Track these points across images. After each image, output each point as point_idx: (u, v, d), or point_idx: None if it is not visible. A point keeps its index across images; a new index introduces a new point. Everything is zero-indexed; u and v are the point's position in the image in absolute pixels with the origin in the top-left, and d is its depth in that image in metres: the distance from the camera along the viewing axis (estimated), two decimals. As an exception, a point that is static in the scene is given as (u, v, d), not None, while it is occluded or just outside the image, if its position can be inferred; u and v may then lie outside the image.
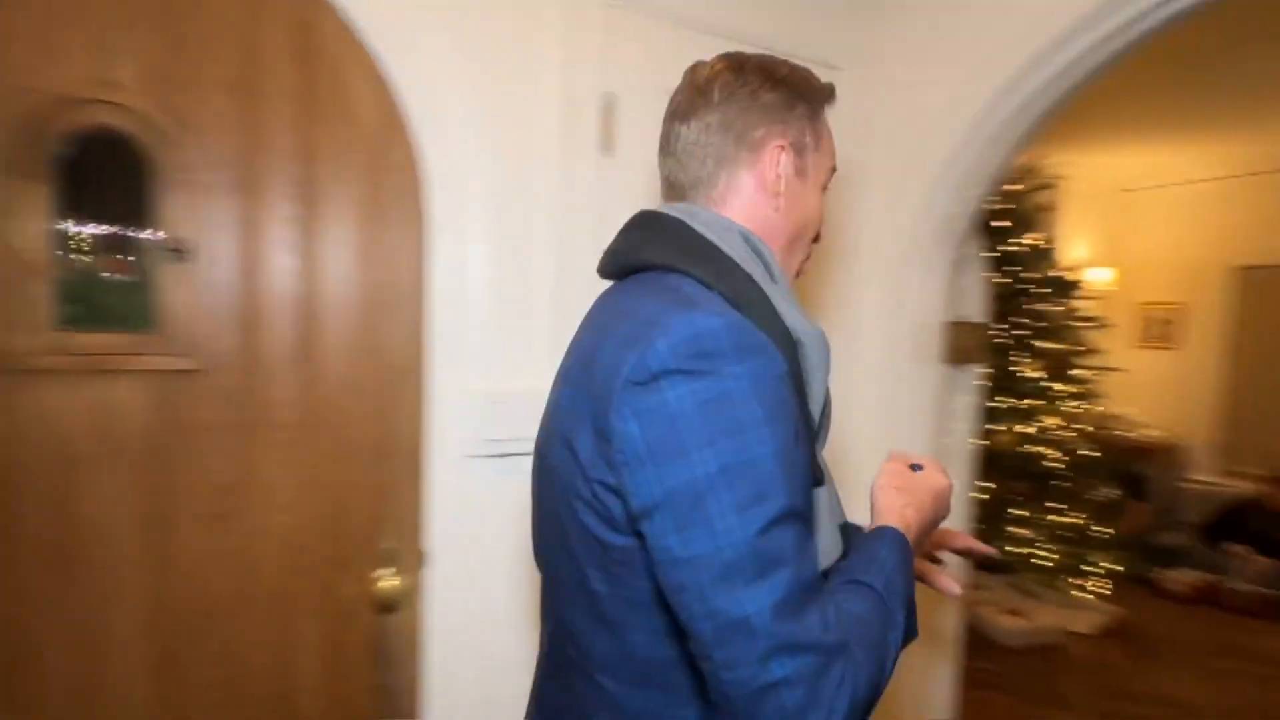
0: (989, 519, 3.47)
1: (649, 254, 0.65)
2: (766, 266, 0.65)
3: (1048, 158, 3.85)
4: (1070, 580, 3.48)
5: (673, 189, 0.70)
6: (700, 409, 0.52)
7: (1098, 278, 4.85)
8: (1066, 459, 3.34)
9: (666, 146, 0.69)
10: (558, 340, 1.23)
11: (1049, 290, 3.43)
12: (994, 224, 3.54)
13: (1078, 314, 3.58)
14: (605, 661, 0.60)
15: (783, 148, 0.67)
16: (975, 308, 1.48)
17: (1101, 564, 3.33)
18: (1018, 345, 3.47)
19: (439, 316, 1.16)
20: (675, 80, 0.69)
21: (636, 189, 1.24)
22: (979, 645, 3.19)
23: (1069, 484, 3.32)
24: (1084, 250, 4.87)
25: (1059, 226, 4.76)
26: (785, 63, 0.69)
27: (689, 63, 0.72)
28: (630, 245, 0.68)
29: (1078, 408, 3.44)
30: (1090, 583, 3.34)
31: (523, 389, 1.20)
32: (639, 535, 0.55)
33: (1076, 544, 3.32)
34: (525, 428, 1.17)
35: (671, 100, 0.70)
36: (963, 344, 1.43)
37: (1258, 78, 3.12)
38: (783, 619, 0.50)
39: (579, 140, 1.20)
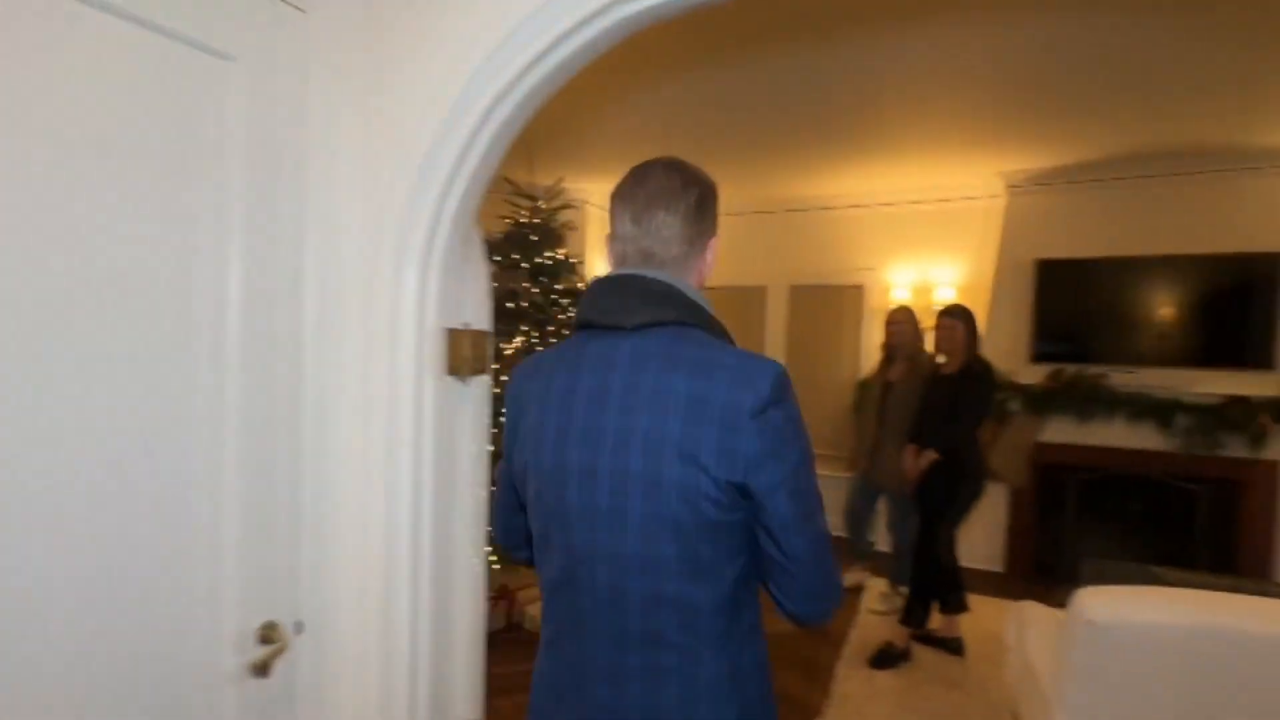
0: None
1: (670, 314, 0.89)
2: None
3: (566, 181, 4.24)
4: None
5: (649, 258, 0.92)
6: (787, 423, 0.85)
7: (614, 292, 5.62)
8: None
9: (645, 225, 0.91)
10: None
11: (570, 301, 3.74)
12: (531, 237, 3.73)
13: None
14: (708, 605, 0.86)
15: (716, 237, 0.99)
16: (479, 315, 1.37)
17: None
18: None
19: None
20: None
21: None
22: (528, 647, 3.27)
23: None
24: (604, 268, 5.59)
25: (584, 245, 5.37)
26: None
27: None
28: (642, 304, 0.89)
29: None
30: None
31: None
32: (755, 507, 0.85)
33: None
34: None
35: (643, 185, 0.92)
36: (466, 353, 1.30)
37: (727, 137, 3.95)
38: (827, 526, 0.91)
39: None
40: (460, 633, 1.48)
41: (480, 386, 1.41)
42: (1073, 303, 4.30)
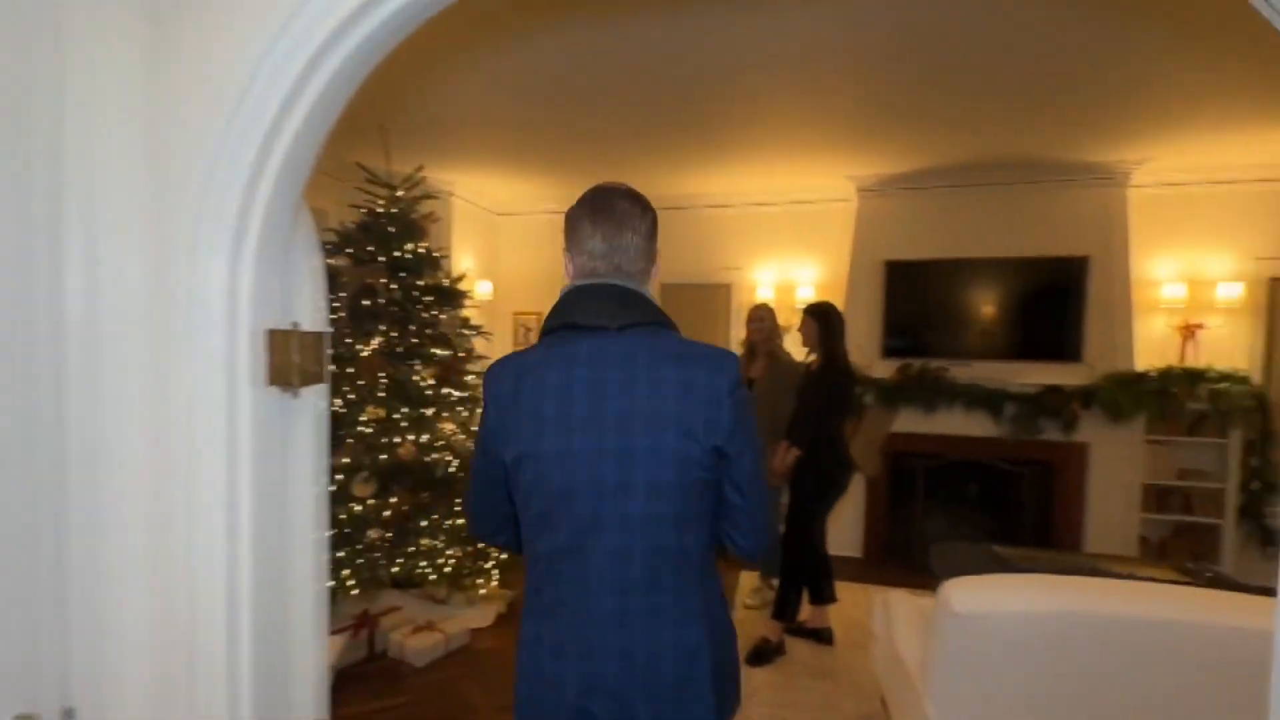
0: (400, 534, 3.32)
1: (646, 316, 1.08)
2: None
3: (427, 170, 3.94)
4: (473, 579, 3.63)
5: (619, 271, 1.11)
6: (745, 398, 1.07)
7: (482, 289, 5.35)
8: (458, 461, 3.45)
9: (616, 244, 1.10)
10: None
11: (433, 298, 3.47)
12: (389, 229, 3.40)
13: (467, 322, 3.76)
14: (698, 549, 1.08)
15: (659, 253, 1.18)
16: (313, 313, 1.15)
17: (494, 555, 3.56)
18: (409, 353, 3.41)
19: None
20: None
21: None
22: (391, 679, 2.99)
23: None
24: (470, 263, 5.29)
25: (448, 239, 5.05)
26: None
27: None
28: (623, 309, 1.07)
29: (466, 412, 3.59)
30: (490, 576, 3.54)
31: None
32: (728, 466, 1.07)
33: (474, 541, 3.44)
34: None
35: (610, 212, 1.10)
36: (295, 359, 1.08)
37: (595, 135, 3.83)
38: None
39: None
40: (298, 688, 1.25)
41: (317, 397, 1.19)
42: (916, 301, 4.63)
